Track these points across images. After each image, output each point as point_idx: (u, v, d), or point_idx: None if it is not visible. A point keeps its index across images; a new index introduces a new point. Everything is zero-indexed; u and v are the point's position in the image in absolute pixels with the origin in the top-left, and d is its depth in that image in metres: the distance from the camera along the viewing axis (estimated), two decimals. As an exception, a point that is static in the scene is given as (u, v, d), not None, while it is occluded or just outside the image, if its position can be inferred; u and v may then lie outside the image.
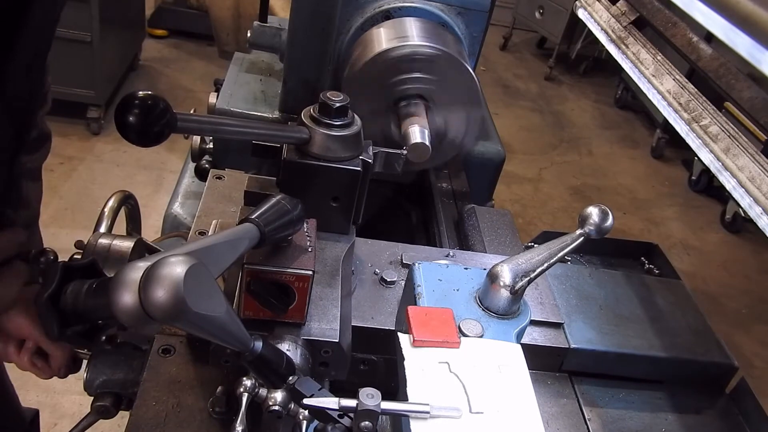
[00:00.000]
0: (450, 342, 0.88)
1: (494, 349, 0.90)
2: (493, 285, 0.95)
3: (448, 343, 0.88)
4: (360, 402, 0.76)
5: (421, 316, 0.90)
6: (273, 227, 0.83)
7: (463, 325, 0.92)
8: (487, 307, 0.97)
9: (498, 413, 0.81)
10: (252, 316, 0.90)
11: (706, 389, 1.29)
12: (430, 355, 0.87)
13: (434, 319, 0.90)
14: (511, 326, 0.95)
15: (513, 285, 0.94)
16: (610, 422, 1.18)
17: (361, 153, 1.04)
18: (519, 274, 0.95)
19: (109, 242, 0.99)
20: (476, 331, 0.92)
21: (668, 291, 1.42)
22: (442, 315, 0.91)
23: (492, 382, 0.85)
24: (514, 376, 0.87)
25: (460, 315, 0.94)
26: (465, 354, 0.88)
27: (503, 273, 0.95)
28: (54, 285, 0.70)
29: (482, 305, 0.97)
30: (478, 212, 1.54)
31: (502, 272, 0.95)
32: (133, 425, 0.91)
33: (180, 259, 0.61)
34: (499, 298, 0.95)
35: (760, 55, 0.99)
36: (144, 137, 0.71)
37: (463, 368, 0.86)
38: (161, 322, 0.62)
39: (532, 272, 0.96)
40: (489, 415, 0.81)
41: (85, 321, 0.71)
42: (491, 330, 0.93)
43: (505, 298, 0.95)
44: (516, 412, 0.83)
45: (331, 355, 0.94)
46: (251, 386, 0.83)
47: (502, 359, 0.89)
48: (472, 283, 1.01)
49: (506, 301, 0.95)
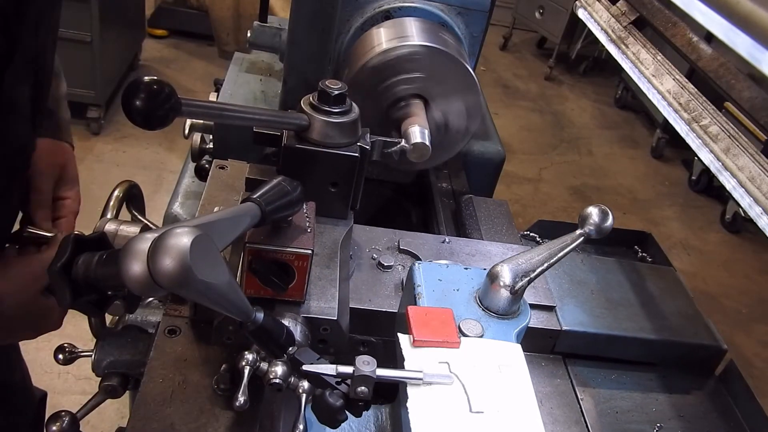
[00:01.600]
0: (450, 342, 0.88)
1: (494, 349, 0.90)
2: (493, 285, 0.95)
3: (448, 343, 0.88)
4: (357, 368, 0.79)
5: (421, 316, 0.91)
6: (273, 207, 0.85)
7: (463, 325, 0.92)
8: (487, 307, 0.97)
9: (498, 413, 0.82)
10: (253, 294, 0.93)
11: (695, 371, 1.31)
12: (430, 355, 0.87)
13: (434, 319, 0.90)
14: (511, 326, 0.95)
15: (513, 285, 0.94)
16: (602, 402, 1.20)
17: (358, 140, 1.06)
18: (519, 274, 0.95)
19: (116, 227, 1.02)
20: (476, 331, 0.92)
21: (659, 277, 1.45)
22: (442, 315, 0.91)
23: (492, 382, 0.85)
24: (514, 376, 0.87)
25: (460, 315, 0.94)
26: (465, 354, 0.88)
27: (503, 273, 0.95)
28: (66, 255, 0.72)
29: (482, 305, 0.97)
30: (476, 202, 1.56)
31: (502, 272, 0.95)
32: (141, 400, 0.93)
33: (186, 230, 0.64)
34: (499, 298, 0.95)
35: (760, 55, 0.99)
36: (149, 120, 0.74)
37: (463, 368, 0.86)
38: (168, 289, 0.64)
39: (532, 272, 0.96)
40: (489, 415, 0.81)
41: (96, 290, 0.74)
42: (491, 330, 0.93)
43: (505, 298, 0.95)
44: (516, 412, 0.83)
45: (329, 333, 0.96)
46: (253, 360, 0.86)
47: (502, 359, 0.89)
48: (472, 283, 1.02)
49: (506, 301, 0.95)
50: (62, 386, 2.67)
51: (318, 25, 1.49)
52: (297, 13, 1.48)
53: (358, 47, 1.54)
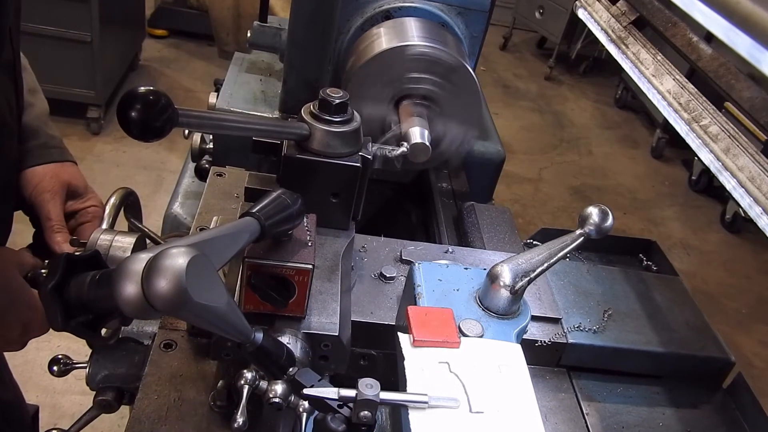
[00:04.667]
0: (450, 342, 0.88)
1: (494, 349, 0.90)
2: (493, 285, 0.95)
3: (448, 343, 0.88)
4: (359, 392, 0.77)
5: (421, 316, 0.90)
6: (273, 221, 0.84)
7: (463, 325, 0.92)
8: (487, 307, 0.97)
9: (498, 413, 0.82)
10: (253, 309, 0.91)
11: (703, 384, 1.30)
12: (430, 355, 0.87)
13: (434, 319, 0.90)
14: (511, 326, 0.95)
15: (513, 285, 0.94)
16: (608, 416, 1.19)
17: (360, 149, 1.05)
18: (519, 274, 0.95)
19: (110, 238, 1.00)
20: (476, 331, 0.92)
21: (666, 287, 1.43)
22: (442, 315, 0.91)
23: (492, 382, 0.85)
24: (514, 376, 0.87)
25: (460, 315, 0.94)
26: (465, 354, 0.88)
27: (503, 273, 0.95)
28: (58, 276, 0.71)
29: (482, 305, 0.97)
30: (478, 209, 1.54)
31: (502, 272, 0.95)
32: (136, 418, 0.92)
33: (182, 250, 0.62)
34: (499, 298, 0.95)
35: (760, 55, 0.99)
36: (146, 132, 0.72)
37: (463, 368, 0.86)
38: (163, 312, 0.62)
39: (532, 272, 0.96)
40: (489, 415, 0.81)
41: (89, 312, 0.72)
42: (491, 330, 0.93)
43: (505, 298, 0.95)
44: (516, 412, 0.83)
45: (330, 349, 0.94)
46: (252, 378, 0.84)
47: (502, 359, 0.89)
48: (472, 283, 1.01)
49: (506, 301, 0.95)
50: (62, 386, 2.67)
51: (318, 25, 1.49)
52: (297, 13, 1.48)
53: (358, 47, 1.54)
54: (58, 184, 1.07)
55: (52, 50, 3.75)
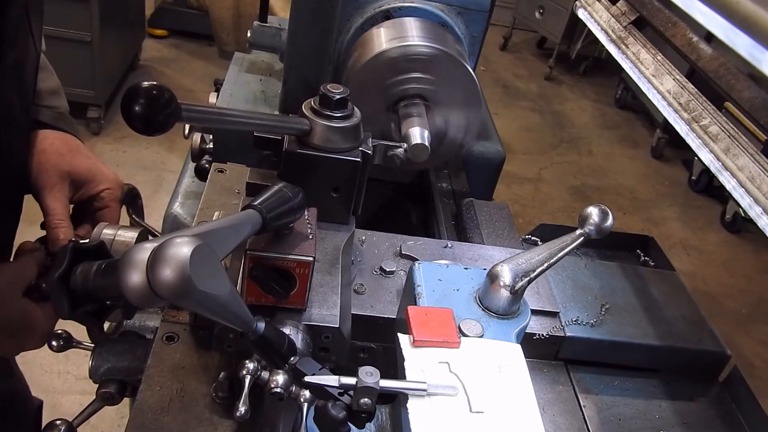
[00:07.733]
0: (450, 342, 0.88)
1: (494, 349, 0.90)
2: (493, 285, 0.95)
3: (448, 343, 0.88)
4: (359, 380, 0.78)
5: (421, 316, 0.91)
6: (274, 214, 0.85)
7: (463, 325, 0.92)
8: (487, 307, 0.97)
9: (498, 413, 0.82)
10: (254, 302, 0.92)
11: (699, 377, 1.31)
12: (430, 355, 0.87)
13: (434, 319, 0.90)
14: (511, 326, 0.95)
15: (513, 285, 0.94)
16: (605, 409, 1.19)
17: (360, 144, 1.06)
18: (519, 274, 0.95)
19: (113, 233, 1.01)
20: (476, 331, 0.92)
21: (662, 282, 1.44)
22: (442, 315, 0.91)
23: (492, 382, 0.85)
24: (514, 376, 0.87)
25: (460, 315, 0.94)
26: (465, 354, 0.88)
27: (503, 273, 0.95)
28: (64, 265, 0.72)
29: (482, 305, 0.97)
30: (476, 205, 1.55)
31: (502, 272, 0.95)
32: (138, 409, 0.92)
33: (186, 239, 0.63)
34: (499, 298, 0.95)
35: (760, 55, 0.99)
36: (150, 126, 0.73)
37: (463, 368, 0.86)
38: (168, 300, 0.63)
39: (532, 272, 0.96)
40: (489, 415, 0.81)
41: (95, 300, 0.73)
42: (491, 330, 0.93)
43: (505, 298, 0.95)
44: (516, 412, 0.83)
45: (331, 340, 0.95)
46: (254, 369, 0.85)
47: (502, 359, 0.89)
48: (472, 283, 1.01)
49: (506, 301, 0.95)
50: (62, 386, 2.67)
51: (318, 25, 1.49)
52: (297, 14, 1.48)
53: (358, 47, 1.54)
54: (56, 176, 1.04)
55: (52, 50, 3.74)
